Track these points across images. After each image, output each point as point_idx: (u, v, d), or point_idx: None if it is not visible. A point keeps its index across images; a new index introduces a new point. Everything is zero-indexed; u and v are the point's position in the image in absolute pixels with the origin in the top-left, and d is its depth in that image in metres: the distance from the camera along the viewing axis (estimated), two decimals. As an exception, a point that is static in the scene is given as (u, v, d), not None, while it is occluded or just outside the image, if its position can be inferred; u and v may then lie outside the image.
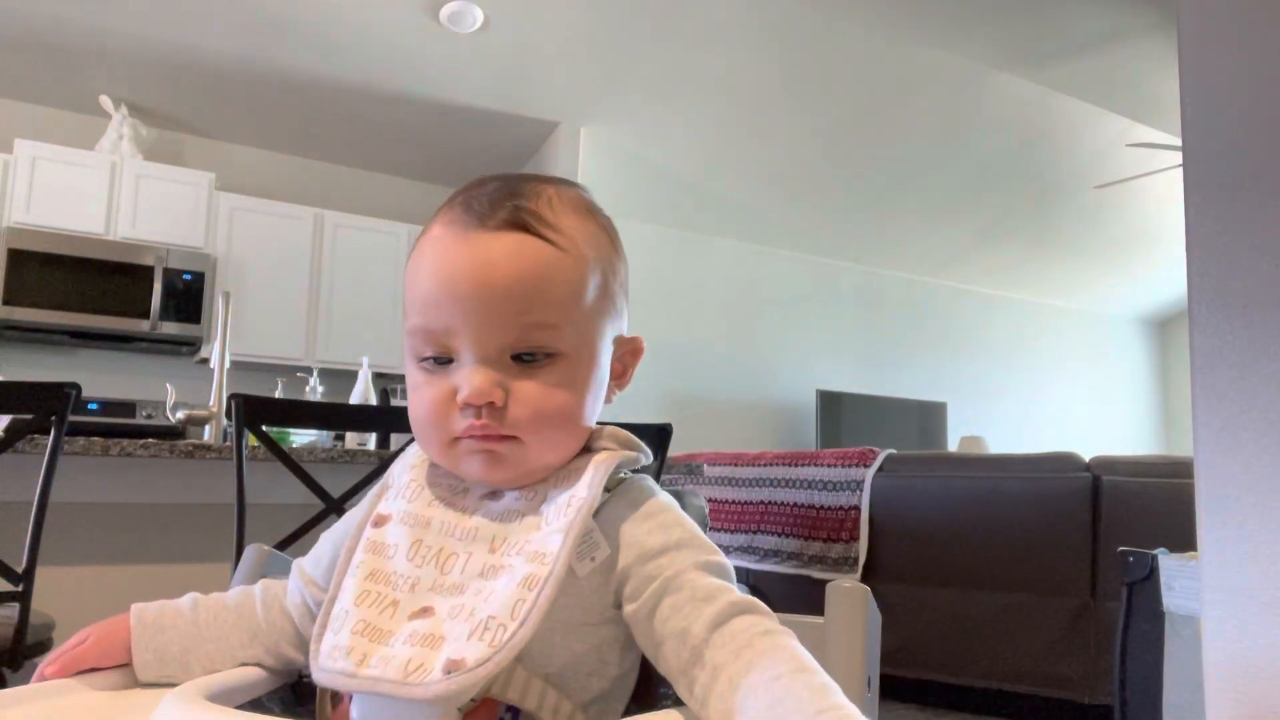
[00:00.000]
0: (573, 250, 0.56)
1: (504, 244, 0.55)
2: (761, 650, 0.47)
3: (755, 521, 3.34)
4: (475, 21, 3.69)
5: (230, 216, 4.39)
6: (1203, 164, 0.95)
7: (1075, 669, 2.49)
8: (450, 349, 0.56)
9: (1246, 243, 0.90)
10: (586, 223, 0.59)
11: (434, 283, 0.55)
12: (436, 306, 0.55)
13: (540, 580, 0.50)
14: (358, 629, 0.52)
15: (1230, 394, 0.90)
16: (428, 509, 0.58)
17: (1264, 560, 0.86)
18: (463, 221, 0.56)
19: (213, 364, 2.47)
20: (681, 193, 5.17)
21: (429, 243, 0.57)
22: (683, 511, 0.58)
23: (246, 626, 0.62)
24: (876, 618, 0.61)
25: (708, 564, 0.54)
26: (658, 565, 0.53)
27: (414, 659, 0.49)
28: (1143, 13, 3.83)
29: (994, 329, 6.80)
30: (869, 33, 4.03)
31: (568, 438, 0.57)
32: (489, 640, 0.48)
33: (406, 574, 0.54)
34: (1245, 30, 0.92)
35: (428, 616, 0.51)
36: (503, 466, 0.56)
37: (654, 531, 0.55)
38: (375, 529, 0.58)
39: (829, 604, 0.60)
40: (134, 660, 0.59)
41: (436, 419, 0.56)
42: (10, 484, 1.81)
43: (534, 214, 0.56)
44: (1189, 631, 1.45)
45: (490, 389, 0.54)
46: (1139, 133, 4.84)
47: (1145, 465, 2.58)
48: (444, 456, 0.58)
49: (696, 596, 0.51)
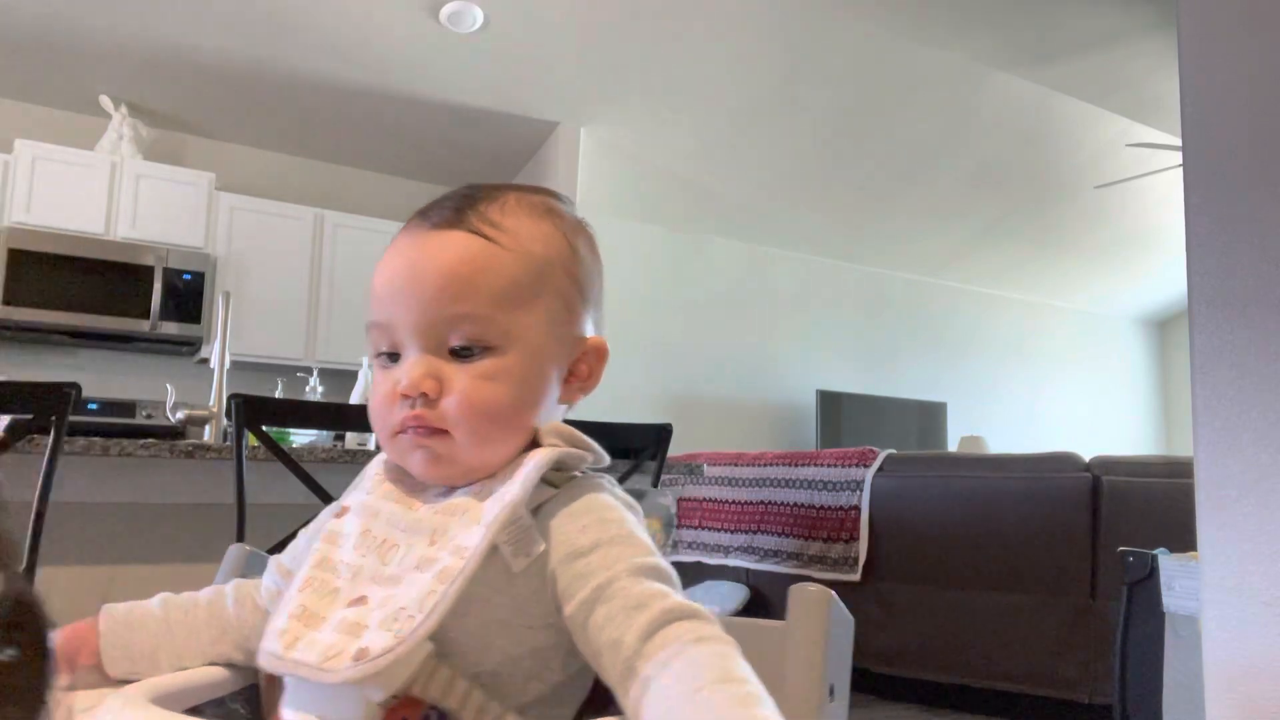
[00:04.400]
0: (512, 246, 0.57)
1: (439, 241, 0.57)
2: (690, 659, 0.46)
3: (755, 521, 3.34)
4: (475, 21, 3.69)
5: (230, 216, 4.39)
6: (1203, 164, 0.95)
7: (1075, 669, 2.49)
8: (397, 344, 0.58)
9: (1246, 243, 0.90)
10: (540, 223, 0.60)
11: (380, 280, 0.59)
12: (380, 302, 0.58)
13: (454, 574, 0.50)
14: (296, 612, 0.53)
15: (1230, 394, 0.90)
16: (381, 501, 0.59)
17: (1264, 560, 0.86)
18: (414, 225, 0.59)
19: (213, 364, 2.46)
20: (681, 193, 5.17)
21: (389, 246, 0.60)
22: (627, 512, 0.57)
23: (217, 623, 0.62)
24: (845, 622, 0.58)
25: (641, 567, 0.52)
26: (587, 564, 0.52)
27: (334, 645, 0.50)
28: (1143, 13, 3.83)
29: (994, 329, 6.80)
30: (869, 33, 4.03)
31: (502, 432, 0.57)
32: (395, 631, 0.49)
33: (351, 563, 0.55)
34: (1245, 30, 0.92)
35: (361, 605, 0.52)
36: (439, 464, 0.56)
37: (587, 528, 0.54)
38: (336, 520, 0.60)
39: (790, 607, 0.57)
40: (102, 657, 0.59)
41: (383, 411, 0.58)
42: (10, 484, 1.81)
43: (479, 214, 0.58)
44: (1189, 631, 1.45)
45: (422, 379, 0.55)
46: (1139, 133, 4.84)
47: (1145, 465, 2.58)
48: (390, 449, 0.59)
49: (628, 605, 0.49)
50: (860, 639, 3.22)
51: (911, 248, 6.09)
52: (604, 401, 4.90)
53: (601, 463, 0.61)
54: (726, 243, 5.67)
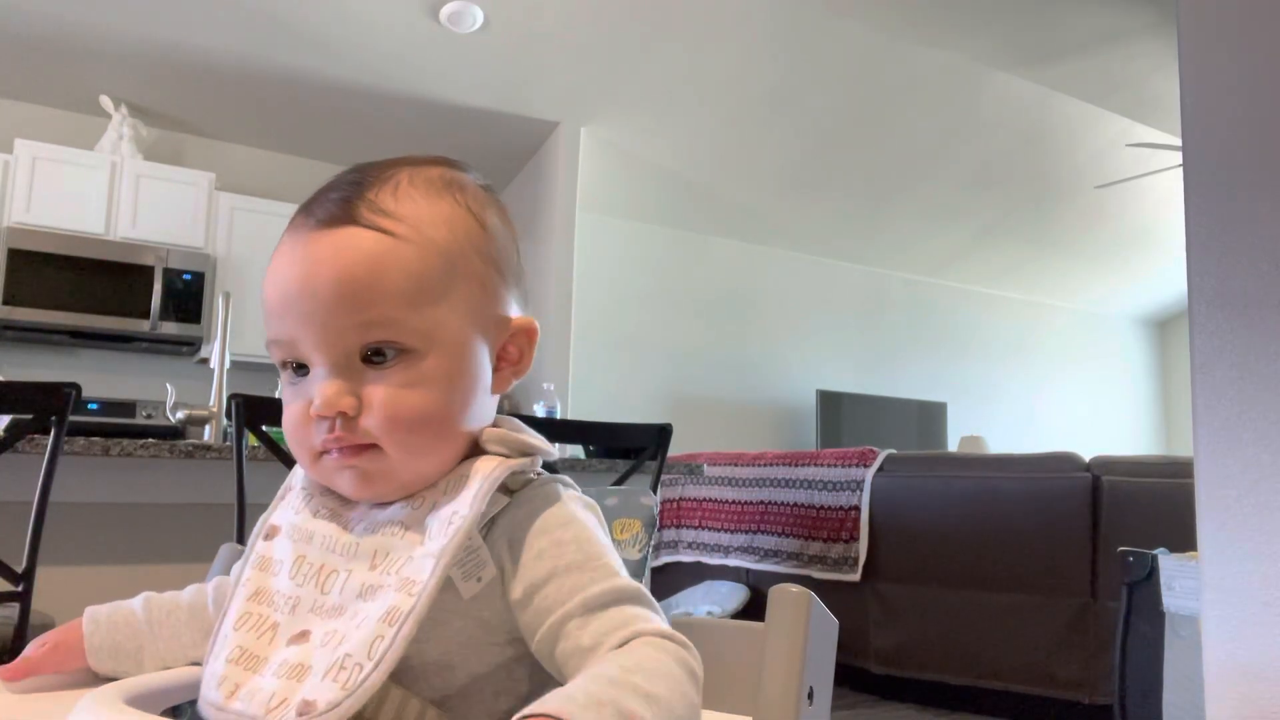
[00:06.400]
0: (413, 236, 0.52)
1: (330, 242, 0.51)
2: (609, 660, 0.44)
3: (755, 521, 3.34)
4: (475, 21, 3.69)
5: (230, 216, 4.39)
6: (1203, 164, 0.95)
7: (1075, 669, 2.49)
8: (302, 357, 0.52)
9: (1246, 243, 0.90)
10: (439, 203, 0.54)
11: (271, 293, 0.53)
12: (277, 317, 0.52)
13: (402, 615, 0.46)
14: (234, 656, 0.50)
15: (1230, 394, 0.90)
16: (312, 521, 0.54)
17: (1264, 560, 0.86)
18: (299, 223, 0.53)
19: (213, 364, 2.47)
20: (681, 193, 5.17)
21: (275, 251, 0.54)
22: (585, 521, 0.53)
23: (199, 623, 0.60)
24: (827, 623, 0.57)
25: (598, 597, 0.48)
26: (544, 598, 0.49)
27: (278, 694, 0.46)
28: (1142, 13, 3.83)
29: (994, 329, 6.80)
30: (869, 33, 4.03)
31: (435, 441, 0.52)
32: (343, 682, 0.45)
33: (288, 594, 0.51)
34: (1245, 30, 0.92)
35: (303, 642, 0.49)
36: (371, 482, 0.52)
37: (544, 554, 0.50)
38: (265, 542, 0.56)
39: (770, 608, 0.55)
40: (89, 658, 0.57)
41: (299, 433, 0.53)
42: (10, 484, 1.81)
43: (370, 204, 0.52)
44: (1189, 631, 1.45)
45: (338, 398, 0.50)
46: (1139, 133, 4.84)
47: (1145, 465, 2.58)
48: (314, 471, 0.54)
49: (582, 647, 0.47)
50: (860, 639, 3.22)
51: (911, 248, 6.09)
52: (604, 401, 4.91)
53: (549, 457, 0.57)
54: (726, 243, 5.67)
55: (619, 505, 1.85)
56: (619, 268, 5.26)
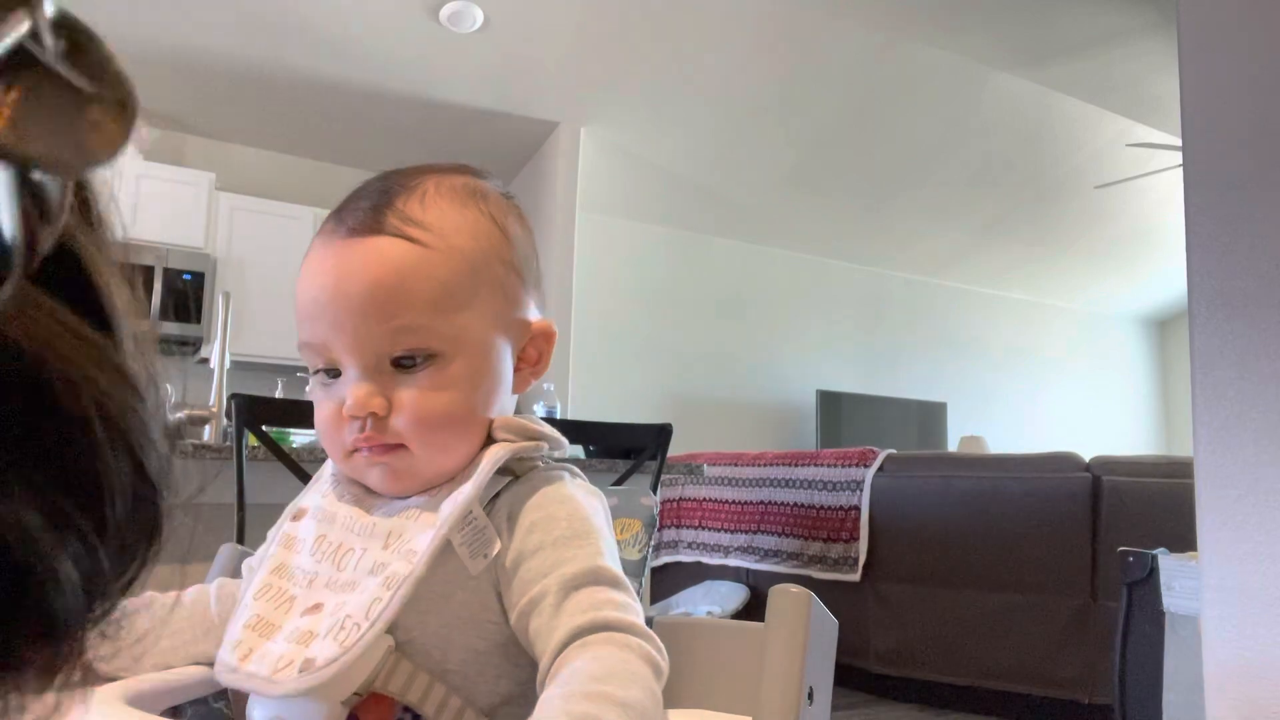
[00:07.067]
0: (439, 245, 0.54)
1: (362, 250, 0.54)
2: (574, 667, 0.45)
3: (755, 521, 3.34)
4: (475, 21, 3.69)
5: (230, 216, 4.39)
6: (1203, 164, 0.95)
7: (1075, 669, 2.49)
8: (334, 361, 0.55)
9: (1246, 243, 0.90)
10: (464, 211, 0.57)
11: (304, 299, 0.55)
12: (310, 322, 0.55)
13: (400, 579, 0.49)
14: (251, 623, 0.53)
15: (1230, 394, 0.90)
16: (337, 504, 0.57)
17: (1264, 560, 0.86)
18: (330, 230, 0.56)
19: (213, 364, 2.46)
20: (681, 193, 5.17)
21: (306, 256, 0.57)
22: (583, 503, 0.56)
23: (200, 623, 0.62)
24: (827, 623, 0.57)
25: (578, 575, 0.50)
26: (528, 569, 0.51)
27: (285, 656, 0.49)
28: (1142, 13, 3.83)
29: (994, 329, 6.80)
30: (868, 32, 4.03)
31: (458, 440, 0.55)
32: (341, 640, 0.48)
33: (307, 569, 0.54)
34: (1245, 30, 0.92)
35: (316, 613, 0.51)
36: (399, 479, 0.55)
37: (535, 527, 0.53)
38: (293, 523, 0.59)
39: (770, 608, 0.56)
40: None
41: (331, 432, 0.56)
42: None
43: (399, 213, 0.54)
44: (1189, 631, 1.45)
45: (369, 400, 0.53)
46: (1139, 133, 4.84)
47: (1145, 465, 2.58)
48: (345, 467, 0.58)
49: (552, 623, 0.49)
50: (860, 639, 3.22)
51: (911, 248, 6.09)
52: (604, 401, 4.91)
53: (561, 449, 0.59)
54: (726, 243, 5.67)
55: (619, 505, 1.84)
56: (619, 268, 5.26)
